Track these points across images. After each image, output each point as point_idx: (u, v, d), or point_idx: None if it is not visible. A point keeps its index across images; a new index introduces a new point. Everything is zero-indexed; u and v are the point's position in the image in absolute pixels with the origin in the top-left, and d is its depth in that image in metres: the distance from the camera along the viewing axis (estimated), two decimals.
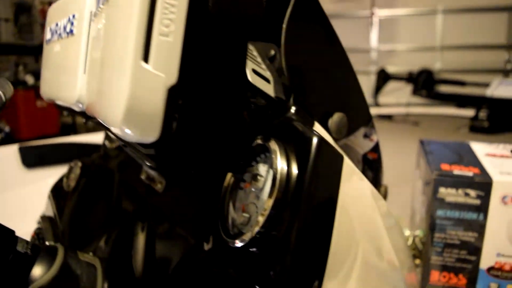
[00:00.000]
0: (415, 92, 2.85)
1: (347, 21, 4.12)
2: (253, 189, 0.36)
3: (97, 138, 1.34)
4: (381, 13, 4.07)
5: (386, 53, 4.12)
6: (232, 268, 0.35)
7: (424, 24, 3.97)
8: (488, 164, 0.70)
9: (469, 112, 2.62)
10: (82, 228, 0.63)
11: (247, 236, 0.33)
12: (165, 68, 0.25)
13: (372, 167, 0.55)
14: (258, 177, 0.36)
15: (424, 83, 2.82)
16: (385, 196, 0.55)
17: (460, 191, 0.66)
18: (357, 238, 0.39)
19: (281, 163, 0.33)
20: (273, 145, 0.34)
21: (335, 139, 0.42)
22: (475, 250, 0.68)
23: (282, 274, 0.31)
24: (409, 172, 0.96)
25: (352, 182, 0.38)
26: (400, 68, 3.22)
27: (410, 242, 0.86)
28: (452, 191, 0.66)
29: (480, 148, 0.79)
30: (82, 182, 0.73)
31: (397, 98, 3.04)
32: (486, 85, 2.67)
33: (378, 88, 3.04)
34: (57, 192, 0.77)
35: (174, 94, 0.26)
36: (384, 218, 0.47)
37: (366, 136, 0.53)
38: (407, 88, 2.97)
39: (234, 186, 0.40)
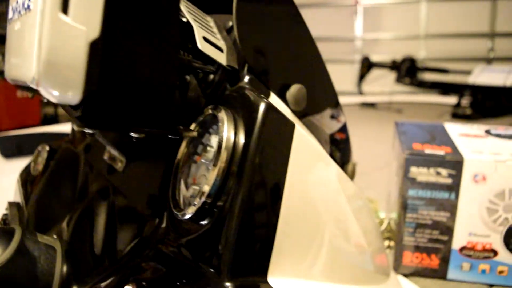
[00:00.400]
0: (399, 80, 2.84)
1: (331, 10, 4.10)
2: (203, 161, 0.35)
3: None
4: (365, 1, 4.06)
5: (370, 41, 4.11)
6: (181, 244, 0.34)
7: (408, 12, 3.97)
8: (461, 144, 0.69)
9: (452, 100, 2.63)
10: (47, 211, 0.62)
11: (193, 208, 0.32)
12: (86, 20, 0.23)
13: (339, 147, 0.54)
14: (208, 148, 0.34)
15: (407, 71, 2.82)
16: (353, 173, 0.54)
17: (432, 170, 0.65)
18: (321, 221, 0.38)
19: (227, 132, 0.31)
20: (222, 114, 0.33)
21: (294, 112, 0.41)
22: (447, 230, 0.67)
23: (224, 250, 0.29)
24: (390, 157, 0.95)
25: (317, 168, 0.37)
26: (384, 57, 3.22)
27: (385, 224, 0.85)
28: (423, 170, 0.65)
29: (454, 129, 0.78)
30: (49, 166, 0.71)
31: (380, 86, 3.04)
32: (468, 72, 2.67)
33: (362, 76, 3.03)
34: (25, 176, 0.75)
35: (96, 49, 0.24)
36: (351, 201, 0.47)
37: (333, 117, 0.52)
38: (391, 76, 2.97)
39: (186, 160, 0.38)
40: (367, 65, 3.00)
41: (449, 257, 0.68)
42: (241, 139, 0.31)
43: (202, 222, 0.32)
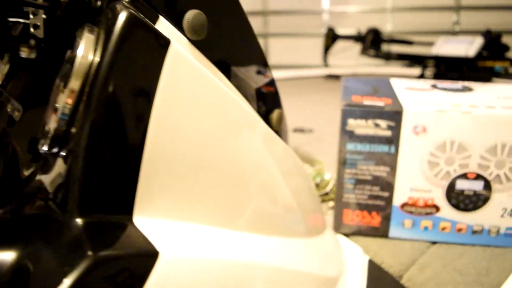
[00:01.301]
0: (363, 52, 2.81)
1: None
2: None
3: None
4: None
5: (337, 15, 4.06)
6: (42, 183, 0.29)
7: None
8: (404, 96, 0.65)
9: (416, 71, 2.62)
10: None
11: (48, 139, 0.27)
12: None
13: (266, 99, 0.50)
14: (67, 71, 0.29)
15: (372, 42, 2.79)
16: (278, 122, 0.50)
17: (370, 122, 0.61)
18: (209, 160, 0.34)
19: (83, 50, 0.26)
20: (81, 32, 0.28)
21: (192, 41, 0.36)
22: (388, 185, 0.64)
23: (72, 184, 0.25)
24: None
25: (206, 99, 0.33)
26: (352, 31, 3.18)
27: (331, 186, 0.82)
28: (361, 122, 0.61)
29: (400, 83, 0.74)
30: None
31: (346, 59, 3.00)
32: (432, 44, 2.67)
33: (327, 48, 2.98)
34: None
35: None
36: (280, 163, 0.44)
37: (260, 72, 0.48)
38: (356, 48, 2.93)
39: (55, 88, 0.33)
40: (331, 37, 2.95)
41: (390, 214, 0.65)
42: (97, 57, 0.26)
43: (59, 155, 0.27)
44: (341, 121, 0.61)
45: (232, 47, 0.45)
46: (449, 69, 2.45)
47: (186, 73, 0.29)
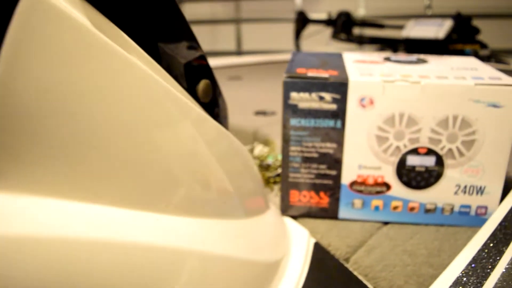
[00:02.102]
0: (334, 35, 2.77)
1: None
2: None
3: None
4: None
5: (310, 0, 4.02)
6: None
7: None
8: (352, 68, 0.61)
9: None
10: None
11: None
12: None
13: (194, 73, 0.45)
14: None
15: (343, 26, 2.75)
16: (205, 93, 0.45)
17: (314, 95, 0.56)
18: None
19: None
20: None
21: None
22: (335, 163, 0.60)
23: None
24: None
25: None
26: (325, 15, 3.14)
27: None
28: (304, 95, 0.57)
29: (352, 56, 0.70)
30: None
31: (317, 43, 2.96)
32: (403, 27, 2.64)
33: (298, 32, 2.93)
34: None
35: None
36: (212, 145, 0.40)
37: (191, 47, 0.44)
38: (328, 32, 2.89)
39: None
40: (302, 20, 2.91)
41: (339, 193, 0.61)
42: None
43: None
44: (283, 95, 0.57)
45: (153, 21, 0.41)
46: (420, 52, 2.43)
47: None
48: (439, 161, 0.58)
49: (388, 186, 0.60)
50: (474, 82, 0.54)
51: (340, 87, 0.56)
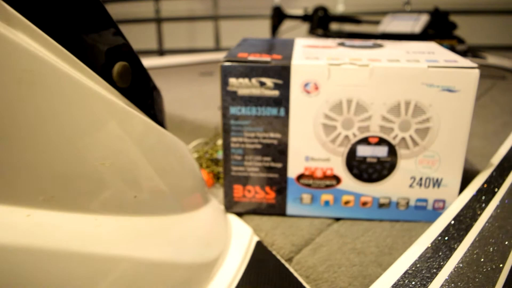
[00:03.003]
0: (311, 31, 2.72)
1: None
2: None
3: None
4: None
5: None
6: None
7: None
8: (299, 53, 0.56)
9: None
10: None
11: None
12: None
13: (116, 56, 0.40)
14: None
15: (319, 21, 2.71)
16: (119, 75, 0.40)
17: (254, 80, 0.52)
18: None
19: None
20: None
21: None
22: (280, 154, 0.55)
23: None
24: None
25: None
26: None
27: None
28: (244, 81, 0.52)
29: (304, 42, 0.65)
30: None
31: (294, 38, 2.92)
32: (380, 22, 2.61)
33: (275, 27, 2.88)
34: None
35: None
36: (140, 142, 0.37)
37: (116, 34, 0.40)
38: (305, 27, 2.84)
39: None
40: (278, 16, 2.86)
41: (285, 188, 0.56)
42: None
43: None
44: (221, 81, 0.52)
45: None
46: None
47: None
48: (392, 151, 0.53)
49: (338, 179, 0.55)
50: (427, 65, 0.50)
51: (282, 72, 0.51)
